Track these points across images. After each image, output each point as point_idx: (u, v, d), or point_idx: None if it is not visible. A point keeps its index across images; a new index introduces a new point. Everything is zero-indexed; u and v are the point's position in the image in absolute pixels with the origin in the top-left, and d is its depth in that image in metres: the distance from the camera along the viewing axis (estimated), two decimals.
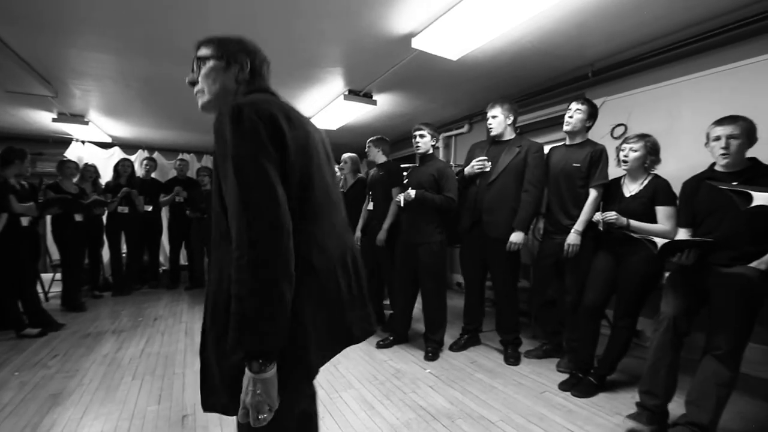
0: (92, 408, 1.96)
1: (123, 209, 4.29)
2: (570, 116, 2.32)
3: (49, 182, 3.72)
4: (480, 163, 2.50)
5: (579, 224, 2.23)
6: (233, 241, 0.73)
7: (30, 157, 3.15)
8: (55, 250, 3.91)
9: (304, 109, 3.89)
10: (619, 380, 2.24)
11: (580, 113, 2.30)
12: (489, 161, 2.50)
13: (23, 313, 3.06)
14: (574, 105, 2.32)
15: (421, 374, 2.38)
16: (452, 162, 4.72)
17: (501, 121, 2.49)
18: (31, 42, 2.54)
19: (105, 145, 5.26)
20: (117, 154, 5.16)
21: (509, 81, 3.32)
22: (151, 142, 5.68)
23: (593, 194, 2.22)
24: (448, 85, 3.45)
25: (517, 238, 2.40)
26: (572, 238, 2.23)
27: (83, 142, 5.11)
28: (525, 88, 3.50)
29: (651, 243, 1.69)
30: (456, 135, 4.77)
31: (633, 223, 1.98)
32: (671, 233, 1.90)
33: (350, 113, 3.93)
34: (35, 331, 2.97)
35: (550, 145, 2.62)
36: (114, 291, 4.42)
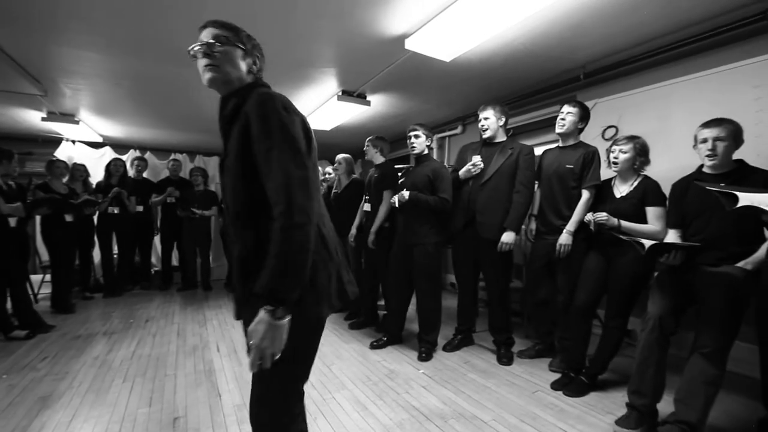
0: (82, 411, 1.94)
1: (113, 210, 4.25)
2: (562, 118, 2.35)
3: (38, 182, 3.66)
4: (476, 168, 2.51)
5: (570, 225, 2.26)
6: (278, 209, 0.86)
7: (18, 157, 3.11)
8: (45, 251, 3.85)
9: (299, 109, 3.88)
10: (611, 379, 2.26)
11: (572, 115, 2.32)
12: (482, 162, 2.52)
13: (12, 315, 3.01)
14: (566, 108, 2.34)
15: (415, 375, 2.38)
16: (446, 163, 4.74)
17: (494, 123, 2.51)
18: (20, 40, 2.50)
19: (96, 145, 5.20)
20: (108, 154, 5.10)
21: (502, 82, 3.34)
22: (143, 142, 5.62)
23: (585, 195, 2.25)
24: (442, 87, 3.47)
25: (508, 239, 2.42)
26: (564, 239, 2.26)
27: (73, 142, 5.05)
28: (518, 90, 3.53)
29: (638, 244, 1.71)
30: (450, 136, 4.79)
31: (624, 224, 2.00)
32: (661, 234, 1.93)
33: (344, 114, 3.93)
34: (23, 333, 2.93)
35: (543, 147, 2.65)
36: (105, 292, 4.37)
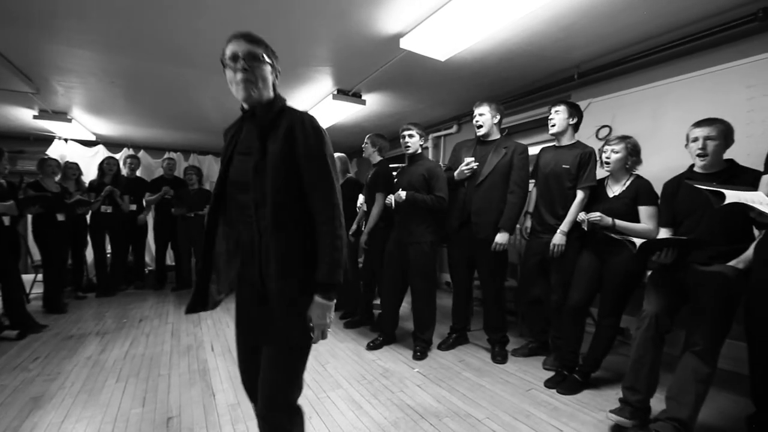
0: (74, 411, 1.92)
1: (106, 209, 4.21)
2: (551, 119, 2.37)
3: (30, 181, 3.62)
4: (469, 168, 2.51)
5: (564, 224, 2.27)
6: (326, 214, 1.05)
7: (8, 155, 3.06)
8: (37, 251, 3.81)
9: None
10: (604, 377, 2.28)
11: (560, 113, 2.34)
12: (477, 162, 2.52)
13: (4, 315, 2.98)
14: (553, 109, 2.37)
15: (410, 373, 2.39)
16: (441, 162, 4.75)
17: (488, 120, 2.51)
18: (11, 37, 2.47)
19: (89, 143, 5.16)
20: (101, 153, 5.07)
21: (497, 82, 3.35)
22: (137, 141, 5.59)
23: (580, 195, 2.26)
24: (437, 86, 3.47)
25: (502, 239, 2.43)
26: (558, 239, 2.27)
27: (66, 140, 5.00)
28: (512, 90, 3.54)
29: (630, 243, 1.72)
30: (445, 135, 4.80)
31: (618, 223, 2.02)
32: (653, 232, 1.95)
33: (339, 113, 3.93)
34: (15, 333, 2.90)
35: (538, 147, 2.66)
36: (98, 292, 4.34)
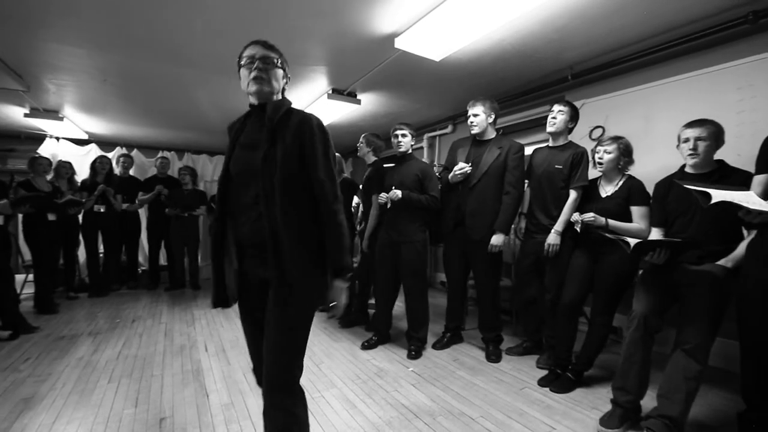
0: (65, 412, 1.90)
1: (99, 208, 4.17)
2: (553, 117, 2.37)
3: (21, 179, 3.58)
4: (462, 173, 2.52)
5: (558, 225, 2.28)
6: (333, 202, 1.16)
7: None
8: (28, 251, 3.77)
9: None
10: (597, 375, 2.30)
11: (563, 114, 2.35)
12: (470, 166, 2.51)
13: None
14: (557, 107, 2.37)
15: (404, 373, 2.39)
16: (436, 162, 4.76)
17: (483, 120, 2.51)
18: (1, 34, 2.44)
19: (81, 142, 5.11)
20: (94, 152, 5.01)
21: (491, 82, 3.37)
22: (130, 140, 5.53)
23: (573, 195, 2.27)
24: (432, 86, 3.48)
25: (498, 241, 2.44)
26: (552, 239, 2.28)
27: (57, 139, 4.95)
28: (507, 90, 3.56)
29: (624, 243, 1.74)
30: (440, 135, 4.81)
31: (611, 223, 2.04)
32: (645, 232, 1.97)
33: (334, 112, 3.92)
34: (6, 334, 2.87)
35: (532, 147, 2.67)
36: (90, 292, 4.30)
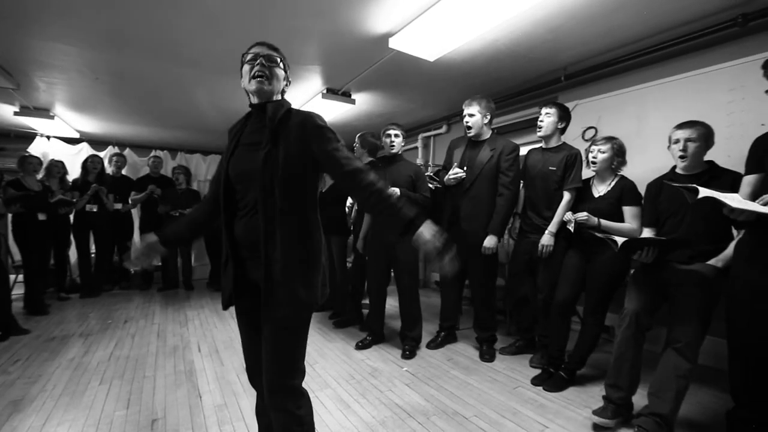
0: (56, 414, 1.88)
1: (91, 207, 4.13)
2: (541, 120, 2.39)
3: (10, 179, 3.53)
4: (455, 178, 2.53)
5: (552, 225, 2.30)
6: (367, 178, 1.12)
7: None
8: (17, 251, 3.71)
9: None
10: (589, 374, 2.32)
11: (550, 116, 2.36)
12: (464, 171, 2.52)
13: None
14: (544, 110, 2.39)
15: (398, 372, 2.39)
16: (431, 162, 4.78)
17: (478, 120, 2.52)
18: None
19: (72, 141, 5.05)
20: (85, 150, 4.96)
21: (485, 83, 3.38)
22: (122, 138, 5.47)
23: (566, 197, 2.29)
24: (426, 86, 3.48)
25: (491, 243, 2.45)
26: (546, 239, 2.30)
27: (48, 137, 4.88)
28: (501, 90, 3.57)
29: (612, 242, 1.76)
30: (435, 135, 4.82)
31: (604, 223, 2.06)
32: (637, 232, 1.99)
33: (329, 112, 3.90)
34: None
35: (526, 147, 2.68)
36: (82, 292, 4.25)
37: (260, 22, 2.32)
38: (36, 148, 4.63)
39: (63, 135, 4.91)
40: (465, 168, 2.54)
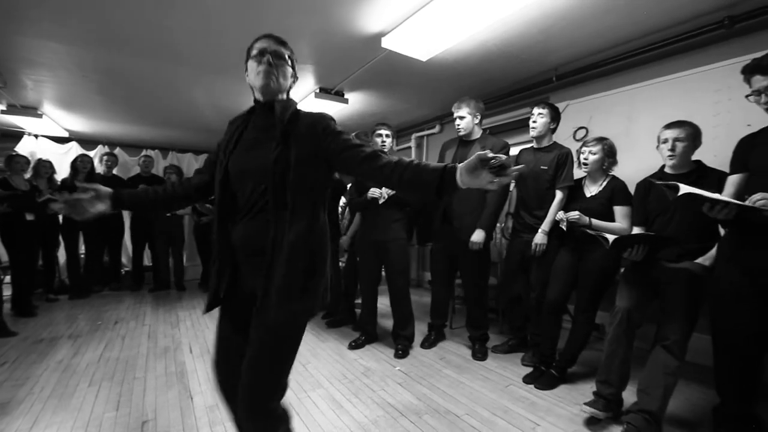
0: (43, 417, 1.85)
1: None
2: (534, 121, 2.40)
3: None
4: None
5: (545, 224, 2.31)
6: (383, 158, 1.06)
7: None
8: (4, 252, 3.65)
9: None
10: (580, 372, 2.34)
11: (543, 117, 2.38)
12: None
13: None
14: (536, 110, 2.40)
15: (391, 372, 2.40)
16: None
17: (469, 122, 2.53)
18: None
19: (61, 140, 4.98)
20: (74, 150, 4.90)
21: (477, 83, 3.40)
22: (112, 137, 5.41)
23: (559, 196, 2.31)
24: (419, 86, 3.49)
25: (478, 237, 2.44)
26: (539, 238, 2.31)
27: (36, 136, 4.81)
28: (493, 91, 3.59)
29: (603, 239, 1.78)
30: (428, 135, 4.83)
31: (595, 222, 2.08)
32: (628, 231, 2.01)
33: (322, 111, 3.89)
34: None
35: (518, 147, 2.70)
36: (71, 294, 4.19)
37: (252, 20, 2.31)
38: (24, 147, 4.56)
39: (51, 134, 4.84)
40: None
